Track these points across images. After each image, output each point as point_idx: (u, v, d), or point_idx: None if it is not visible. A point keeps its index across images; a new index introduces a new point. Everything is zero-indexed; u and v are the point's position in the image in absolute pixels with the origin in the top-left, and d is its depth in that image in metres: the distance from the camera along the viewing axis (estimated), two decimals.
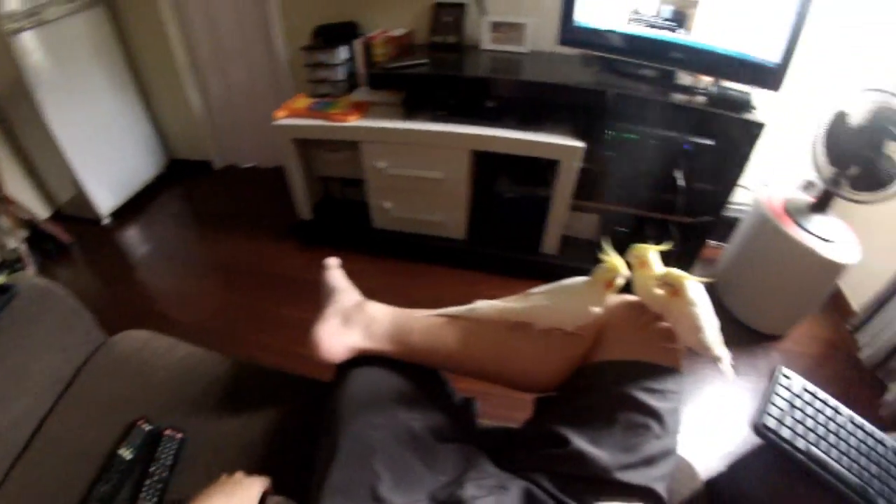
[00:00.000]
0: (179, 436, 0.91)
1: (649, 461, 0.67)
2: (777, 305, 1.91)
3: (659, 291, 0.73)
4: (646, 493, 0.66)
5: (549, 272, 0.78)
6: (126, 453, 0.88)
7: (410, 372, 0.85)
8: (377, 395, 0.79)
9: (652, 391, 0.71)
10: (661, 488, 0.67)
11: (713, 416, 1.62)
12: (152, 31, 2.39)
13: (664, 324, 0.75)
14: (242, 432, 0.93)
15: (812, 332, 2.01)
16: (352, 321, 0.85)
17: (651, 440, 0.68)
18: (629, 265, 0.74)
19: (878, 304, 1.84)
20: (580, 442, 0.68)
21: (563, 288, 0.78)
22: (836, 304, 2.11)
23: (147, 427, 0.92)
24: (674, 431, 0.72)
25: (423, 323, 0.85)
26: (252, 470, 0.76)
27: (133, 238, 2.42)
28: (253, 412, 0.96)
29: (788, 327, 1.96)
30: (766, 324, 1.95)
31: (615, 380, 0.72)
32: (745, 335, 1.95)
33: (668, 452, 0.70)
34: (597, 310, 0.76)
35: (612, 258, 0.72)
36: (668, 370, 0.73)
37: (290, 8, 2.24)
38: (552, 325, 0.80)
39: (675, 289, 0.70)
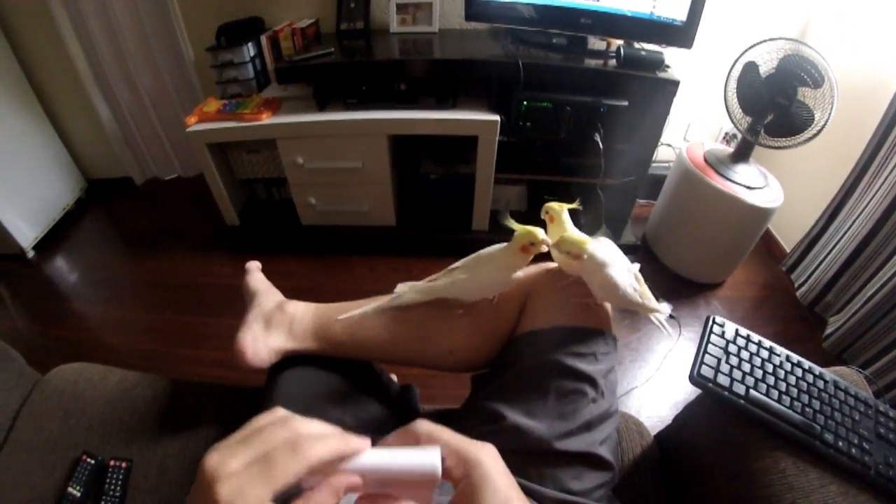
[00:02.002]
0: (124, 465, 0.88)
1: (588, 426, 0.66)
2: (711, 255, 1.96)
3: (565, 234, 0.72)
4: (588, 457, 0.66)
5: (481, 248, 0.77)
6: (75, 490, 0.85)
7: (341, 368, 0.83)
8: (307, 396, 0.77)
9: (581, 355, 0.70)
10: (603, 451, 0.67)
11: (662, 371, 1.66)
12: (50, 47, 2.25)
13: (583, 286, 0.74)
14: (185, 451, 0.91)
15: (749, 276, 2.07)
16: (273, 323, 0.82)
17: (587, 405, 0.67)
18: (544, 225, 0.74)
19: (809, 243, 1.91)
20: (515, 416, 0.67)
21: (481, 258, 0.77)
22: (769, 247, 2.19)
23: (91, 461, 0.89)
24: (610, 392, 0.72)
25: (343, 314, 0.83)
26: None
27: (60, 268, 2.31)
28: (194, 429, 0.94)
29: (725, 275, 2.02)
30: (703, 274, 2.01)
31: (543, 348, 0.72)
32: (684, 287, 2.00)
33: (607, 415, 0.69)
34: (519, 274, 0.75)
35: (521, 227, 0.70)
36: (594, 332, 0.73)
37: (190, 8, 2.14)
38: (476, 296, 0.79)
39: (576, 254, 0.68)
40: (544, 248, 0.70)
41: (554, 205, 0.75)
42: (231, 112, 1.83)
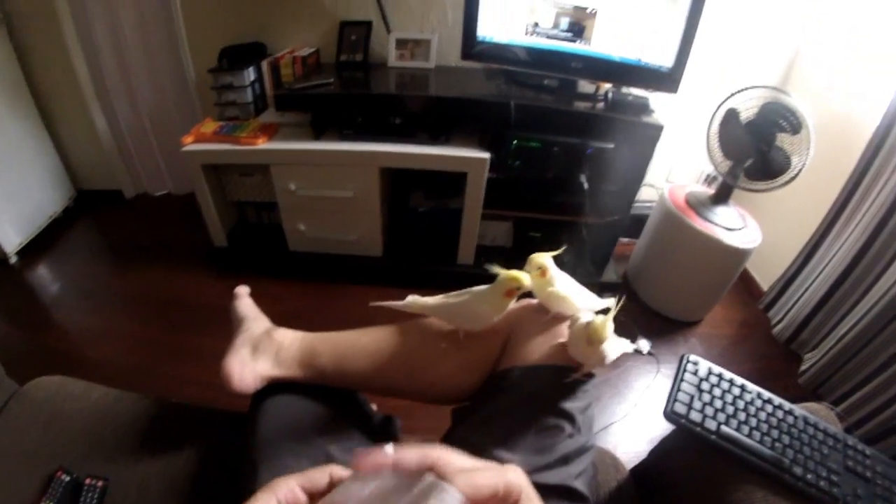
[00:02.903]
0: (100, 483, 0.86)
1: (565, 460, 0.68)
2: (690, 293, 2.01)
3: (551, 288, 0.76)
4: (564, 491, 0.67)
5: (467, 282, 0.79)
6: None
7: (324, 396, 0.84)
8: (290, 423, 0.78)
9: (561, 392, 0.72)
10: (579, 485, 0.68)
11: (639, 407, 1.69)
12: (54, 55, 2.26)
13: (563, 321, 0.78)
14: (165, 472, 0.89)
15: (726, 314, 2.12)
16: (260, 349, 0.83)
17: (564, 440, 0.69)
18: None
19: (786, 282, 1.97)
20: (495, 449, 0.69)
21: (472, 292, 0.79)
22: (747, 286, 2.25)
23: (66, 478, 0.87)
24: (587, 428, 0.73)
25: (329, 344, 0.85)
26: None
27: (43, 277, 2.28)
28: (174, 450, 0.93)
29: (704, 312, 2.07)
30: (682, 311, 2.05)
31: (524, 384, 0.74)
32: (663, 325, 2.03)
33: (583, 449, 0.71)
34: (497, 317, 0.78)
35: (506, 272, 0.73)
36: (574, 370, 0.75)
37: (195, 29, 2.19)
38: (459, 324, 0.82)
39: (541, 271, 0.75)
40: (527, 289, 0.73)
41: (540, 259, 0.77)
42: (228, 134, 1.85)
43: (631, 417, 1.66)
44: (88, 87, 2.37)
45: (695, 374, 0.83)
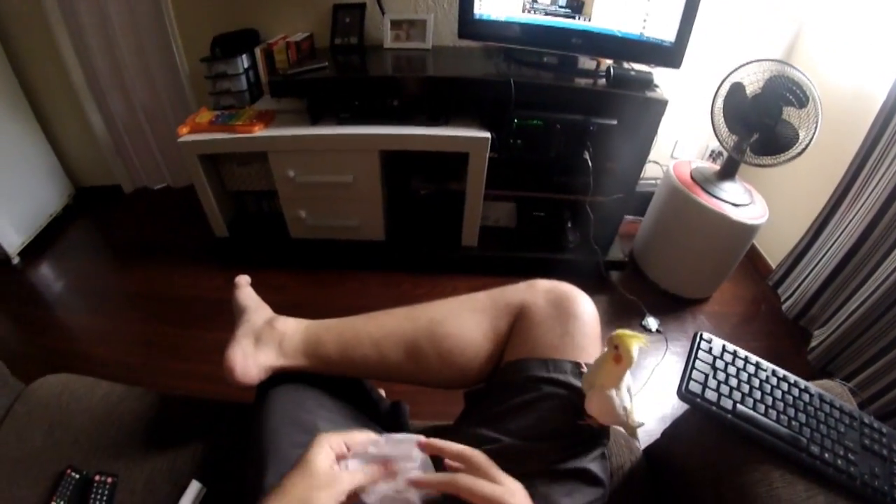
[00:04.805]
0: (110, 480, 0.87)
1: (581, 444, 0.69)
2: (697, 270, 1.98)
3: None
4: (580, 473, 0.67)
5: (470, 264, 0.78)
6: None
7: (331, 385, 0.83)
8: (297, 413, 0.77)
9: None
10: (594, 467, 0.68)
11: (649, 386, 1.68)
12: (45, 52, 2.24)
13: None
14: (173, 466, 0.90)
15: (735, 291, 2.10)
16: (263, 340, 0.82)
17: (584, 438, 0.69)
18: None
19: (795, 258, 1.94)
20: (511, 438, 0.69)
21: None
22: (755, 262, 2.23)
23: (75, 475, 0.87)
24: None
25: (334, 332, 0.84)
26: None
27: (46, 276, 2.28)
28: (181, 444, 0.93)
29: (712, 290, 2.05)
30: (690, 289, 2.03)
31: (541, 384, 0.73)
32: (671, 303, 2.02)
33: (600, 436, 0.72)
34: (512, 297, 0.81)
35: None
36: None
37: (186, 19, 2.16)
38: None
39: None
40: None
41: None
42: (223, 124, 1.83)
43: (641, 396, 1.65)
44: (81, 83, 2.34)
45: (709, 352, 0.80)
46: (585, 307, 0.80)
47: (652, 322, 1.88)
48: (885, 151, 1.54)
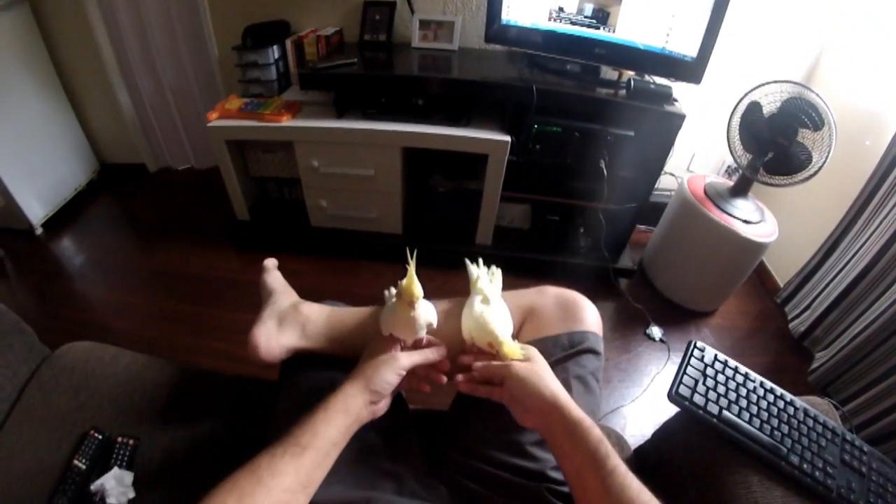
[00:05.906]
0: (132, 442, 0.91)
1: None
2: (705, 284, 2.01)
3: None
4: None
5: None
6: (80, 463, 0.87)
7: (346, 366, 0.87)
8: (320, 394, 0.82)
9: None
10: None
11: (648, 392, 1.72)
12: (78, 32, 2.31)
13: None
14: (193, 435, 0.94)
15: (741, 307, 2.12)
16: (288, 322, 0.86)
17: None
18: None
19: (804, 278, 1.96)
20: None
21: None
22: (763, 279, 2.24)
23: (99, 436, 0.91)
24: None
25: (355, 320, 0.88)
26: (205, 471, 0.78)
27: (67, 248, 2.34)
28: (201, 415, 0.97)
29: (718, 304, 2.08)
30: (696, 301, 2.06)
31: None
32: (677, 313, 2.05)
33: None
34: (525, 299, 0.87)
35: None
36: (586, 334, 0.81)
37: (219, 7, 2.21)
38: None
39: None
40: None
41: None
42: (252, 111, 1.88)
43: (640, 401, 1.69)
44: (112, 63, 2.41)
45: (701, 359, 0.85)
46: (590, 313, 0.85)
47: (656, 331, 1.91)
48: None
